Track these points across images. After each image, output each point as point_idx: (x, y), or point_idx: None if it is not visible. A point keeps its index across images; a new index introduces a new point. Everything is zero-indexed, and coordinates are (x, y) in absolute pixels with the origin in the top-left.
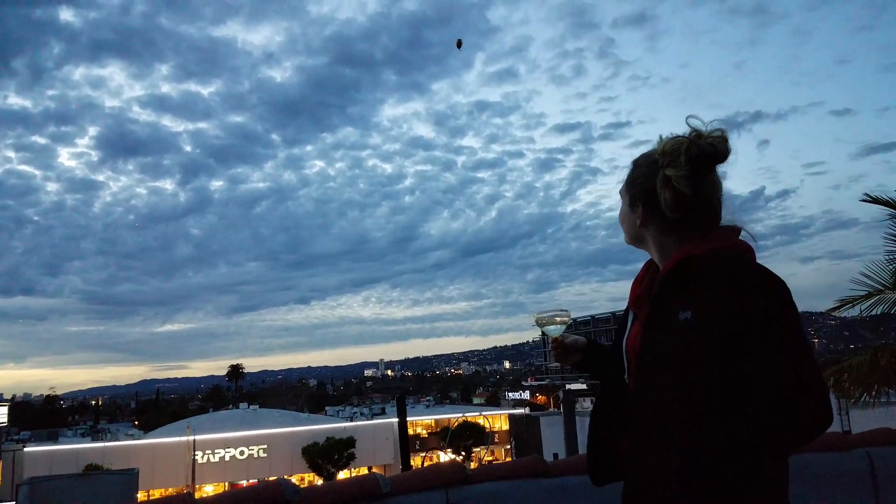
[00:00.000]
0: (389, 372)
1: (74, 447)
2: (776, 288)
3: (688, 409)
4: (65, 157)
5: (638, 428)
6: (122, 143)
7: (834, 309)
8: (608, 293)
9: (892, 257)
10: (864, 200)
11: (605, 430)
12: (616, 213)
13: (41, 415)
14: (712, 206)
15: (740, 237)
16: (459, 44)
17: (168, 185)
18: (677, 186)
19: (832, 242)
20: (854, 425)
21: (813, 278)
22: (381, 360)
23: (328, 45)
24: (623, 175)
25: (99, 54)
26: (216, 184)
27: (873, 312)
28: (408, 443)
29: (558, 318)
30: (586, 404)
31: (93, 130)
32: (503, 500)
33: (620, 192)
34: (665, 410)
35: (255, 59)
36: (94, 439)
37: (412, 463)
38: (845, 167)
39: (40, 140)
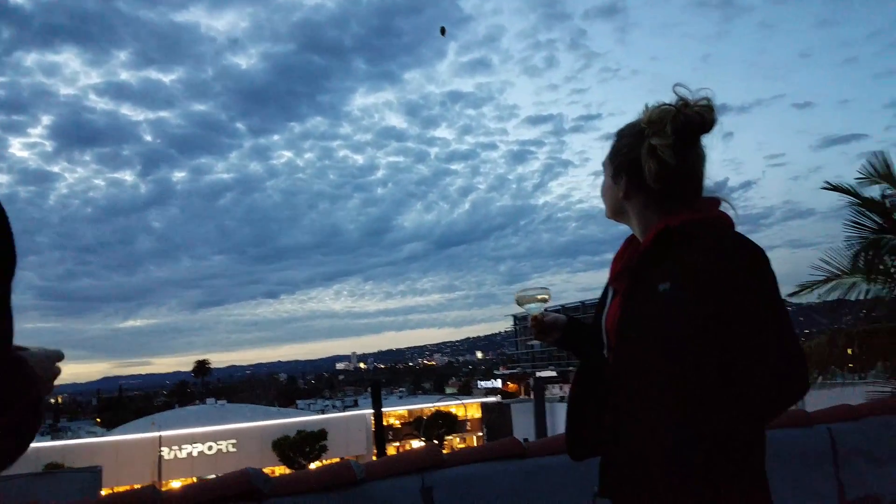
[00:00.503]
0: (362, 364)
1: (33, 445)
2: (755, 256)
3: (669, 380)
4: (17, 148)
5: (619, 401)
6: (78, 133)
7: (793, 294)
8: (578, 283)
9: (850, 243)
10: (824, 188)
11: (585, 406)
12: (585, 206)
13: None
14: (696, 177)
15: (720, 209)
16: (443, 31)
17: (128, 176)
18: (662, 156)
19: (791, 232)
20: (809, 406)
21: (774, 267)
22: (354, 352)
23: (295, 31)
24: (594, 166)
25: (52, 40)
26: (178, 175)
27: (831, 297)
28: (383, 431)
29: (538, 297)
30: (556, 391)
31: (46, 119)
32: (479, 482)
33: (603, 164)
34: (646, 383)
35: (219, 45)
36: (55, 438)
37: (387, 452)
38: (805, 158)
39: None
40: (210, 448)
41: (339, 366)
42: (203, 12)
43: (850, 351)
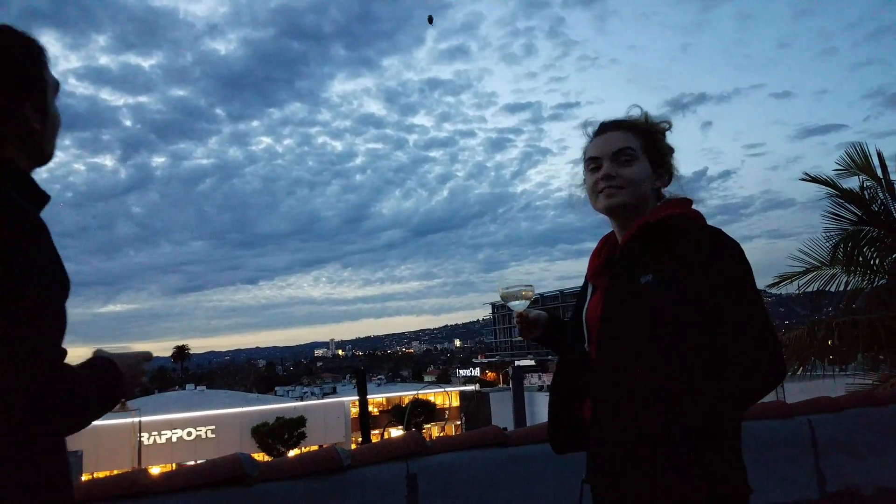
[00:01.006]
0: (340, 352)
1: None
2: (732, 248)
3: (654, 369)
4: None
5: (604, 392)
6: None
7: (773, 285)
8: (556, 272)
9: (830, 234)
10: (803, 180)
11: (567, 400)
12: (564, 194)
13: None
14: None
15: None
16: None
17: (107, 161)
18: (673, 169)
19: (770, 222)
20: (789, 397)
21: (751, 256)
22: (332, 339)
23: (275, 17)
24: (573, 154)
25: (31, 23)
26: (158, 160)
27: (810, 288)
28: (368, 417)
29: (523, 293)
30: (534, 380)
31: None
32: (462, 469)
33: (633, 146)
34: (631, 373)
35: (197, 30)
36: None
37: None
38: (784, 149)
39: None
40: (189, 434)
41: (318, 352)
42: None
43: (829, 343)
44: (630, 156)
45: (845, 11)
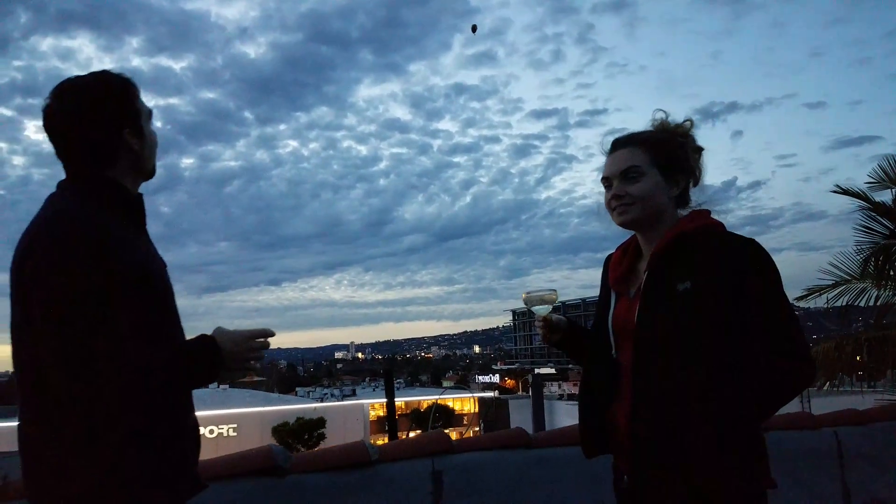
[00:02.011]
0: (360, 355)
1: None
2: (765, 256)
3: (698, 374)
4: (32, 131)
5: (645, 398)
6: None
7: (801, 298)
8: (579, 280)
9: (861, 248)
10: (834, 192)
11: (596, 405)
12: (588, 202)
13: (5, 391)
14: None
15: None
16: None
17: None
18: (699, 161)
19: (800, 234)
20: (815, 412)
21: (780, 269)
22: (352, 342)
23: (303, 21)
24: (599, 162)
25: (67, 25)
26: (187, 161)
27: (839, 302)
28: (395, 417)
29: (546, 297)
30: (554, 388)
31: None
32: (486, 469)
33: (640, 163)
34: (673, 378)
35: (228, 33)
36: None
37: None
38: (816, 160)
39: (6, 112)
40: (211, 432)
41: (338, 355)
42: (213, 0)
43: (858, 358)
44: (637, 172)
45: (881, 20)
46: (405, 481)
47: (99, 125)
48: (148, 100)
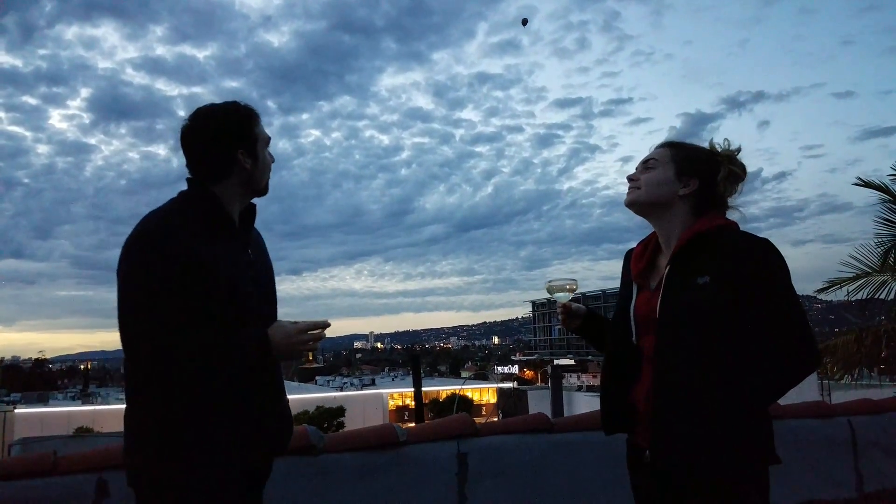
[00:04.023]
0: (379, 345)
1: (65, 409)
2: (777, 255)
3: (714, 359)
4: (56, 119)
5: (665, 383)
6: (114, 106)
7: (822, 290)
8: (600, 272)
9: (881, 240)
10: (856, 185)
11: (618, 387)
12: (611, 193)
13: (30, 378)
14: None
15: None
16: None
17: (161, 150)
18: (734, 183)
19: (825, 226)
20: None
21: (804, 261)
22: (371, 332)
23: (327, 9)
24: (623, 151)
25: (92, 13)
26: None
27: (859, 295)
28: (422, 403)
29: (567, 286)
30: (573, 380)
31: (85, 92)
32: (510, 452)
33: (655, 158)
34: (691, 365)
35: (252, 22)
36: (85, 403)
37: None
38: (843, 150)
39: (31, 100)
40: None
41: (357, 344)
42: None
43: (880, 353)
44: (654, 164)
45: None
46: (432, 462)
47: (216, 145)
48: (171, 88)
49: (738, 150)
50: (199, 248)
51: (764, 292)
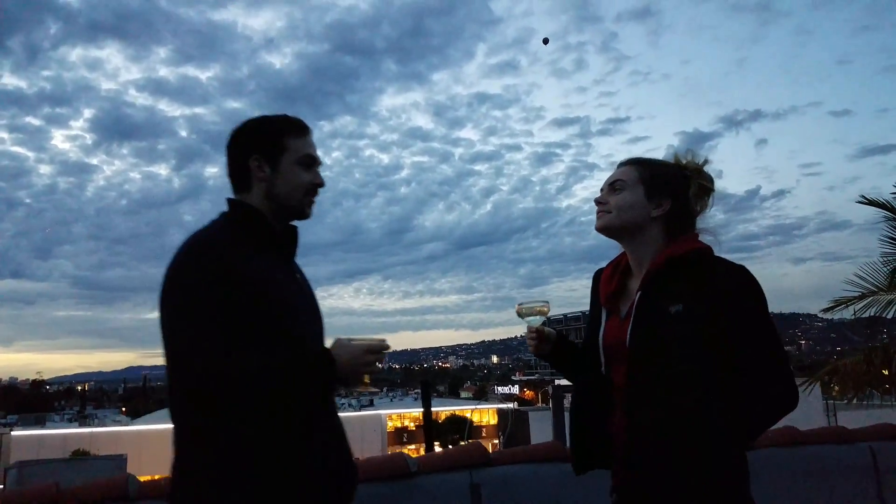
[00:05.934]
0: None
1: (62, 432)
2: (754, 283)
3: (687, 398)
4: (59, 140)
5: (639, 415)
6: (117, 127)
7: (827, 309)
8: None
9: (887, 259)
10: (859, 202)
11: (588, 421)
12: None
13: (27, 399)
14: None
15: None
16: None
17: (162, 170)
18: (706, 199)
19: (825, 244)
20: (846, 425)
21: (804, 279)
22: None
23: (329, 31)
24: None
25: (96, 35)
26: (211, 170)
27: (866, 314)
28: (431, 428)
29: (539, 309)
30: None
31: (88, 113)
32: (523, 482)
33: (625, 177)
34: (664, 402)
35: (254, 44)
36: (82, 424)
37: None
38: (841, 168)
39: (34, 121)
40: None
41: None
42: (240, 11)
43: (885, 371)
44: (621, 185)
45: None
46: (444, 494)
47: (230, 150)
48: (173, 109)
49: (705, 161)
50: (247, 264)
51: (740, 325)
